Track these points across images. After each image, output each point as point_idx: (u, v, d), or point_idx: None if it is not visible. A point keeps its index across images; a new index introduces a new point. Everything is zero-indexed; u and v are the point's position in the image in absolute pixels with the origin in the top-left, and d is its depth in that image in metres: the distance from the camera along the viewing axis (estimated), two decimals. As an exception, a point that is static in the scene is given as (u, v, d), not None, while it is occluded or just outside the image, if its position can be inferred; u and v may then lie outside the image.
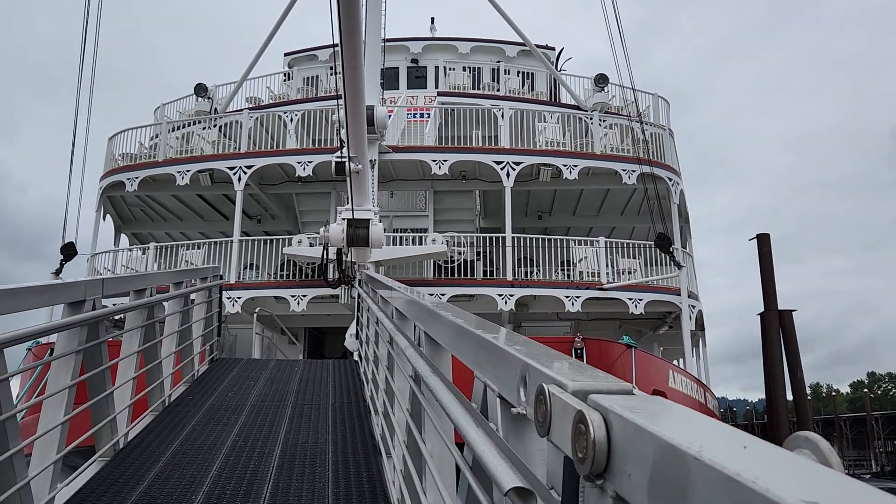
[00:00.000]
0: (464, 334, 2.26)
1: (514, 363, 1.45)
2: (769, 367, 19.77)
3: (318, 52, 25.12)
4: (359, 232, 12.86)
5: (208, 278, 8.25)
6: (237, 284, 16.01)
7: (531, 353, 1.43)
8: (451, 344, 2.59)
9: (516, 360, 1.44)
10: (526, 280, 16.26)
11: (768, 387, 19.97)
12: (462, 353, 2.13)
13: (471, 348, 1.98)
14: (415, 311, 3.43)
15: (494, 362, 1.63)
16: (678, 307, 16.42)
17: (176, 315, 6.59)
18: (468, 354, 2.02)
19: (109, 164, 18.37)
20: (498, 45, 25.13)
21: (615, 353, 11.10)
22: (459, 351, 2.21)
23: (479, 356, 1.84)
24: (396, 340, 3.71)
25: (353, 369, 8.40)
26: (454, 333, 2.50)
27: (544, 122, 17.74)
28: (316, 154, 16.54)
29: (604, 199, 19.60)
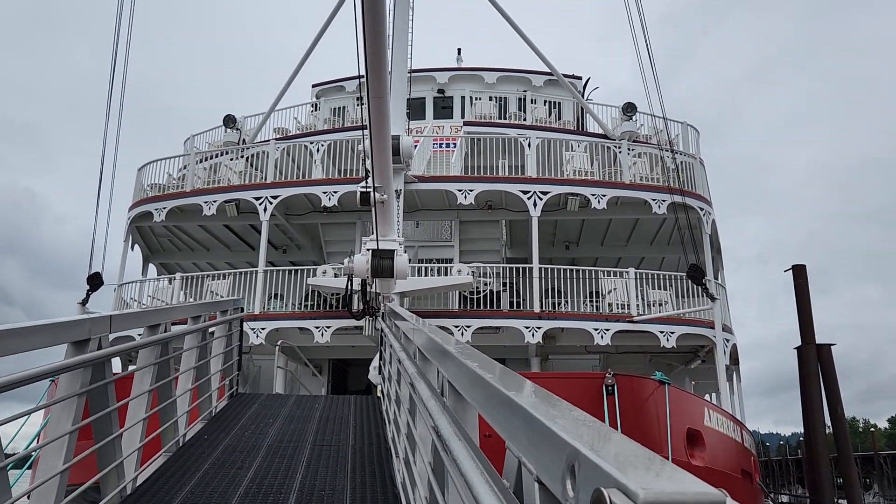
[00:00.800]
0: (495, 396, 1.93)
1: (558, 445, 1.16)
2: (808, 402, 19.03)
3: (345, 83, 25.28)
4: (383, 263, 12.65)
5: (228, 311, 8.06)
6: (261, 315, 15.85)
7: (580, 434, 1.14)
8: (478, 402, 2.26)
9: (561, 441, 1.15)
10: (553, 312, 15.88)
11: (806, 423, 19.22)
12: (492, 418, 1.83)
13: (502, 413, 1.68)
14: (437, 355, 3.13)
15: (533, 438, 1.34)
16: (711, 341, 15.90)
17: (193, 350, 6.38)
18: (499, 420, 1.72)
19: (138, 195, 18.47)
20: (524, 74, 25.04)
21: (648, 390, 10.66)
22: (489, 413, 1.91)
23: (513, 425, 1.54)
24: (418, 388, 3.41)
25: (376, 406, 8.11)
26: (483, 392, 2.15)
27: (572, 151, 17.47)
28: (341, 184, 16.45)
29: (632, 229, 19.21)
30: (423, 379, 3.58)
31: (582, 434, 1.14)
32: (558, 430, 1.18)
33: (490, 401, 1.88)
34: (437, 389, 2.93)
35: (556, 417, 1.29)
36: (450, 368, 2.61)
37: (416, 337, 4.34)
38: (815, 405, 19.05)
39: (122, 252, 18.21)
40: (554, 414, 1.32)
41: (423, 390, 3.24)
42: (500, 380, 2.00)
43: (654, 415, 10.40)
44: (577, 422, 1.24)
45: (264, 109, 21.36)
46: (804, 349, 19.40)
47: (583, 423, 1.24)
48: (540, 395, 1.60)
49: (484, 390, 2.11)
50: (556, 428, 1.20)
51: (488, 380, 2.05)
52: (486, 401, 1.97)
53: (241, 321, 9.03)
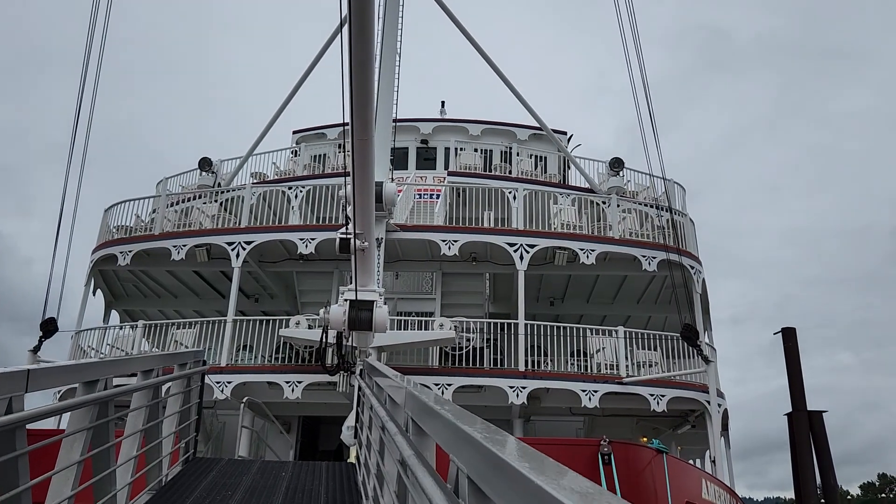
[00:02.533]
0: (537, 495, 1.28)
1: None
2: (799, 470, 18.27)
3: (327, 130, 24.82)
4: (362, 314, 11.83)
5: (188, 364, 7.18)
6: (227, 368, 14.86)
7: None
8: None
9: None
10: (539, 371, 15.09)
11: (798, 491, 18.44)
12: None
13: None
14: (447, 434, 2.39)
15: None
16: (703, 405, 15.17)
17: (141, 410, 5.51)
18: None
19: (104, 237, 17.56)
20: (509, 127, 24.81)
21: (644, 459, 9.86)
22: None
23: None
24: (414, 472, 2.63)
25: (350, 475, 7.22)
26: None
27: (559, 205, 16.97)
28: (319, 231, 15.72)
29: (620, 286, 18.64)
30: (421, 460, 2.80)
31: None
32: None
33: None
34: (447, 486, 2.16)
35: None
36: (472, 458, 1.87)
37: (408, 402, 3.57)
38: (807, 473, 18.30)
39: (83, 297, 17.19)
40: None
41: (427, 481, 2.46)
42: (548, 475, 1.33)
43: (651, 486, 9.58)
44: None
45: (244, 154, 20.74)
46: (795, 416, 18.74)
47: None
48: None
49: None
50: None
51: (541, 485, 1.33)
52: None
53: (203, 375, 8.14)
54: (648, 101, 13.51)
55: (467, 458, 1.95)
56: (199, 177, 20.57)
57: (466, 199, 17.82)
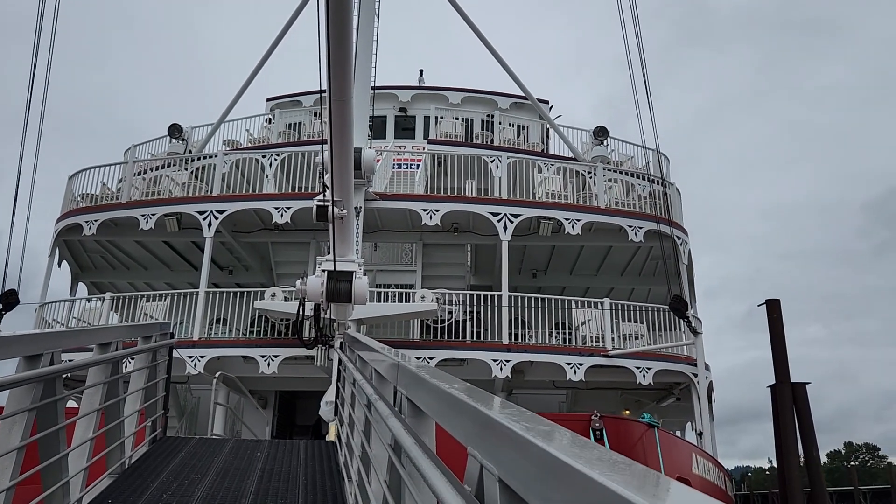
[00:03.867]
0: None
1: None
2: (783, 442, 18.18)
3: (302, 97, 24.01)
4: (340, 286, 11.31)
5: (154, 337, 6.61)
6: (200, 342, 14.27)
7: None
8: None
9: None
10: (523, 344, 14.70)
11: (781, 463, 18.39)
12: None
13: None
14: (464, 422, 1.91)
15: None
16: (689, 377, 14.94)
17: (98, 387, 4.96)
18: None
19: (68, 206, 16.74)
20: (490, 96, 24.18)
21: (636, 434, 9.52)
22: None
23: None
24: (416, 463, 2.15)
25: (332, 455, 6.75)
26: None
27: (543, 174, 16.47)
28: (295, 199, 15.09)
29: (604, 258, 18.27)
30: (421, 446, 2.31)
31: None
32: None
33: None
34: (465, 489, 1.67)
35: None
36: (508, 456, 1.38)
37: (400, 378, 3.07)
38: (789, 445, 18.21)
39: (47, 268, 16.42)
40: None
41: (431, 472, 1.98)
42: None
43: (643, 462, 9.25)
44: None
45: (215, 121, 19.93)
46: (779, 388, 18.57)
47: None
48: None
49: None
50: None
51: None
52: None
53: (171, 349, 7.57)
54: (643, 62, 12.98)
55: (499, 454, 1.46)
56: (168, 144, 19.77)
57: (447, 168, 17.24)
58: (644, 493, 0.89)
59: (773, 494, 56.86)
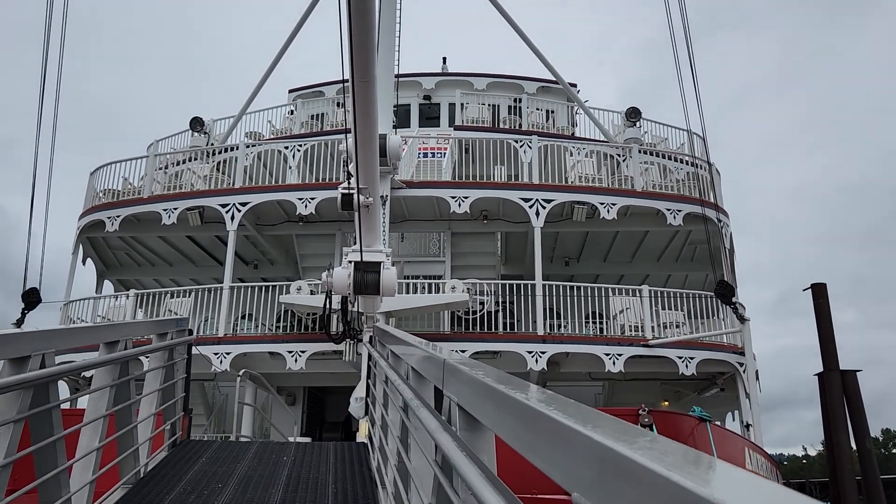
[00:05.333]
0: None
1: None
2: (832, 433, 17.34)
3: (325, 88, 23.55)
4: (368, 277, 10.82)
5: (170, 334, 6.16)
6: (226, 338, 13.88)
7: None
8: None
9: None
10: (559, 335, 14.10)
11: (831, 454, 17.57)
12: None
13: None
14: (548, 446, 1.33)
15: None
16: (734, 367, 14.22)
17: (105, 391, 4.49)
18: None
19: (90, 202, 16.47)
20: (516, 80, 23.52)
21: (687, 429, 8.90)
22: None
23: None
24: (477, 495, 1.59)
25: (363, 458, 6.25)
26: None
27: (576, 157, 15.79)
28: (319, 189, 14.61)
29: (639, 243, 17.54)
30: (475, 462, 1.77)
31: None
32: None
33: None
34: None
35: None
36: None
37: (448, 380, 2.52)
38: (841, 436, 17.36)
39: (71, 266, 16.16)
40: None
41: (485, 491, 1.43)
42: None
43: (694, 459, 8.62)
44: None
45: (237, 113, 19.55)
46: (827, 375, 17.71)
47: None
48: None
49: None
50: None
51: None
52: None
53: (189, 347, 7.12)
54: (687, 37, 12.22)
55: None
56: (190, 138, 19.43)
57: (475, 154, 16.64)
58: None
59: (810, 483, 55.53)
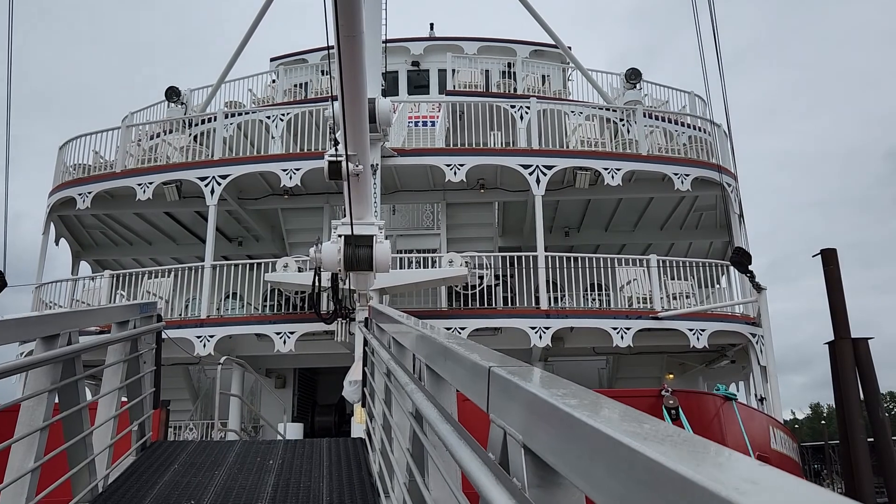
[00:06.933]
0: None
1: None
2: (845, 402, 16.76)
3: (308, 55, 22.43)
4: (360, 252, 9.98)
5: (131, 322, 5.28)
6: (209, 320, 13.02)
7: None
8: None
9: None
10: (563, 309, 13.33)
11: (843, 423, 17.03)
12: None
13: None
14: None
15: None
16: (746, 337, 13.54)
17: (43, 396, 3.64)
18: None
19: (60, 178, 15.45)
20: (508, 44, 22.50)
21: (712, 408, 8.18)
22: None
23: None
24: None
25: (360, 458, 5.46)
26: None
27: (577, 120, 14.90)
28: (304, 160, 13.69)
29: (643, 211, 16.73)
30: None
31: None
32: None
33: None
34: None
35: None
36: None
37: (496, 389, 1.66)
38: (852, 407, 16.78)
39: (42, 246, 15.20)
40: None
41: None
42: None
43: (721, 440, 7.91)
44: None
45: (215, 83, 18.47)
46: (839, 343, 17.05)
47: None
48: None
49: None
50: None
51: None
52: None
53: (158, 335, 6.24)
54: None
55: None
56: (167, 109, 18.38)
57: (469, 120, 15.70)
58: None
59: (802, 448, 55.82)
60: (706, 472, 0.77)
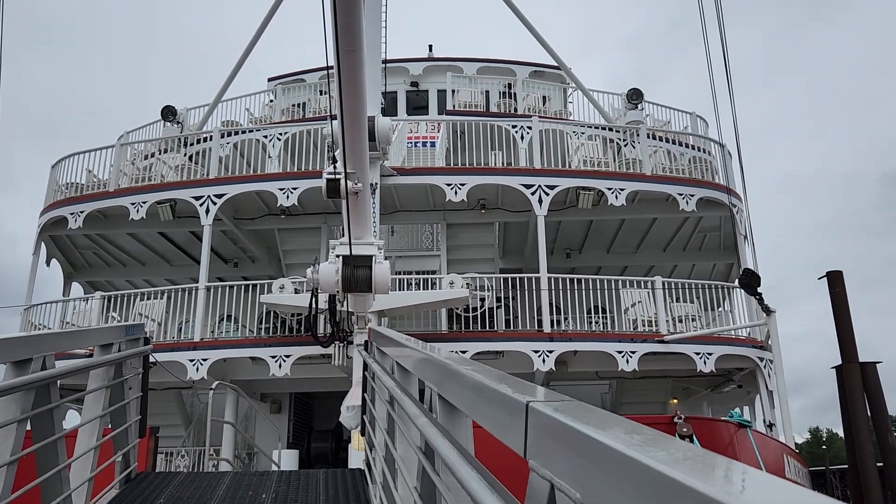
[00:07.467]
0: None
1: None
2: (854, 426, 16.36)
3: (306, 75, 22.30)
4: (358, 272, 9.65)
5: (116, 346, 4.93)
6: (202, 343, 12.65)
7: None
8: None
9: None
10: (566, 332, 13.01)
11: (851, 449, 16.62)
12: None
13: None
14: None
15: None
16: (754, 362, 13.21)
17: (10, 427, 3.30)
18: None
19: (52, 197, 15.14)
20: (507, 65, 22.38)
21: (726, 436, 7.84)
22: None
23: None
24: None
25: (360, 492, 5.10)
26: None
27: (579, 139, 14.69)
28: (302, 178, 13.41)
29: (646, 232, 16.47)
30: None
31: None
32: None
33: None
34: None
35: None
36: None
37: (538, 436, 1.32)
38: (862, 433, 16.38)
39: (31, 267, 14.84)
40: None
41: None
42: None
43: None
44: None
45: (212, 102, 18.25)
46: (846, 368, 16.68)
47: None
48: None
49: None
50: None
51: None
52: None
53: (146, 358, 5.89)
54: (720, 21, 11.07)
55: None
56: (163, 128, 18.13)
57: (469, 139, 15.48)
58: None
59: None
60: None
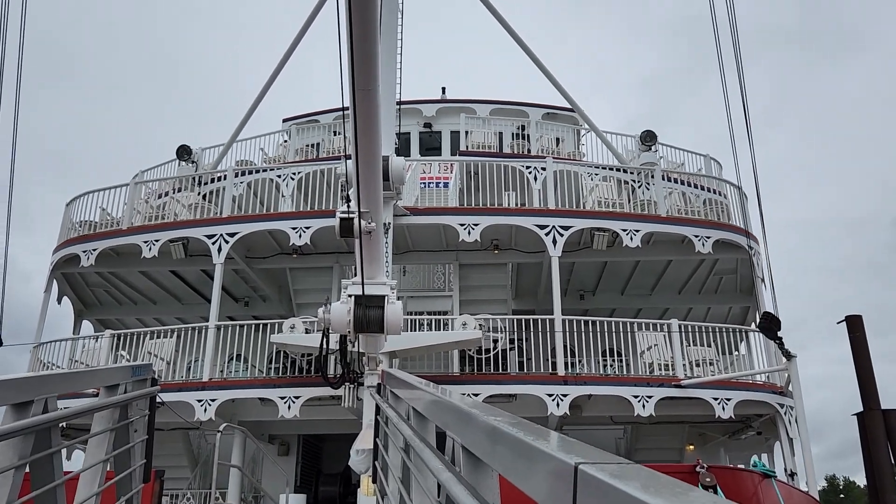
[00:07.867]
0: None
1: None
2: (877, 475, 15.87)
3: (320, 116, 22.49)
4: (370, 313, 9.50)
5: (123, 387, 4.80)
6: (210, 383, 12.49)
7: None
8: None
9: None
10: (581, 376, 12.75)
11: (875, 497, 16.11)
12: None
13: None
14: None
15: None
16: (773, 407, 12.87)
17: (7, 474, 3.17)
18: None
19: (65, 235, 15.18)
20: (520, 107, 22.49)
21: (751, 486, 7.55)
22: None
23: None
24: None
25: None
26: None
27: (593, 181, 14.63)
28: (314, 218, 13.38)
29: (661, 274, 16.28)
30: None
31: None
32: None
33: None
34: None
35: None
36: None
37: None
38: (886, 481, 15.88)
39: (42, 305, 14.81)
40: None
41: None
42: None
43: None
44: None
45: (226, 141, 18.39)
46: (868, 415, 16.22)
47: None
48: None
49: None
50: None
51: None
52: None
53: (152, 400, 5.74)
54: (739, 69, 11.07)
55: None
56: (178, 168, 18.25)
57: (482, 180, 15.45)
58: None
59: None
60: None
